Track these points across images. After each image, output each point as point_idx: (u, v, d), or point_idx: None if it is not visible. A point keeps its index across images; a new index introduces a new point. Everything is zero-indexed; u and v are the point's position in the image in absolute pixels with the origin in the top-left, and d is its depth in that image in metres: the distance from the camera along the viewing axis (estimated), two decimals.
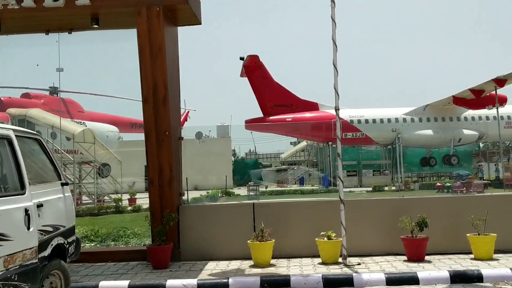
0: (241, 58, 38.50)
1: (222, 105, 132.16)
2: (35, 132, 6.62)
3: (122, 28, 10.14)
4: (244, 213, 9.50)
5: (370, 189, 32.16)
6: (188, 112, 50.83)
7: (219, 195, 29.58)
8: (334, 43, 8.85)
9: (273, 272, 7.91)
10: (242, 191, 32.64)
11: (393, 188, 32.27)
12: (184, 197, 11.42)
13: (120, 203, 22.66)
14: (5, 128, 5.50)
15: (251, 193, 28.76)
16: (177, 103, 10.04)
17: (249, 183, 33.90)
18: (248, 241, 8.60)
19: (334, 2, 8.87)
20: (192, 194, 24.20)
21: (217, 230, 9.36)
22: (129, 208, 21.57)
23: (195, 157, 37.19)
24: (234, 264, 8.64)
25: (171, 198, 9.18)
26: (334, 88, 8.87)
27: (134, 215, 18.71)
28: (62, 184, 6.53)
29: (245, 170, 45.19)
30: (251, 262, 8.57)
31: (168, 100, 9.11)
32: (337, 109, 8.86)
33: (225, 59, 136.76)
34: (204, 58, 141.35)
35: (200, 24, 10.07)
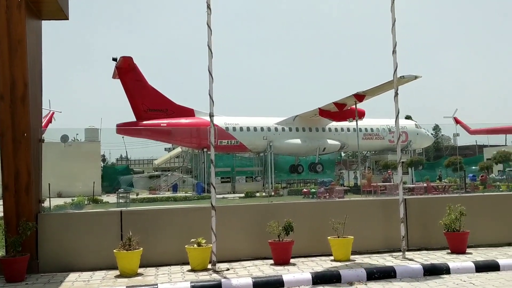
0: (114, 59, 37.02)
1: (92, 108, 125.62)
2: None
3: None
4: (111, 221, 9.07)
5: (243, 195, 32.90)
6: (53, 113, 47.42)
7: (86, 202, 27.96)
8: (210, 49, 8.89)
9: (140, 281, 7.63)
10: (111, 198, 31.25)
11: (264, 194, 33.43)
12: (45, 204, 10.58)
13: None
14: None
15: (120, 201, 27.67)
16: (39, 102, 9.26)
17: (119, 190, 32.61)
18: (114, 250, 8.21)
19: (210, 9, 8.92)
20: (55, 202, 22.58)
21: (80, 240, 8.80)
22: None
23: (60, 162, 34.78)
24: (98, 275, 8.18)
25: (28, 205, 8.42)
26: (209, 95, 8.89)
27: None
28: None
29: (115, 176, 43.43)
30: (117, 272, 8.19)
31: (28, 99, 8.36)
32: (211, 116, 8.89)
33: (97, 59, 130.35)
34: (73, 57, 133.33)
35: (67, 19, 9.43)
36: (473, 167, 38.82)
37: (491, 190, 28.76)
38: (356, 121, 35.89)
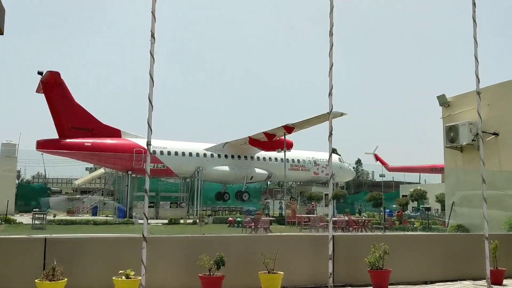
0: (39, 73, 35.53)
1: (11, 121, 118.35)
2: None
3: None
4: (33, 248, 8.56)
5: (166, 221, 32.22)
6: None
7: None
8: (151, 78, 8.82)
9: None
10: (25, 218, 29.40)
11: (189, 221, 32.97)
12: None
13: None
14: None
15: (36, 222, 26.15)
16: None
17: (34, 209, 30.81)
18: (36, 281, 7.75)
19: (154, 38, 8.90)
20: None
21: None
22: None
23: None
24: None
25: None
26: (148, 123, 8.76)
27: None
28: None
29: (31, 195, 40.98)
30: None
31: None
32: (148, 144, 8.74)
33: (20, 72, 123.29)
34: None
35: (2, 34, 8.97)
36: (394, 206, 40.82)
37: (406, 226, 30.39)
38: (284, 152, 36.76)
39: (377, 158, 58.85)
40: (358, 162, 70.85)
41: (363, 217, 32.65)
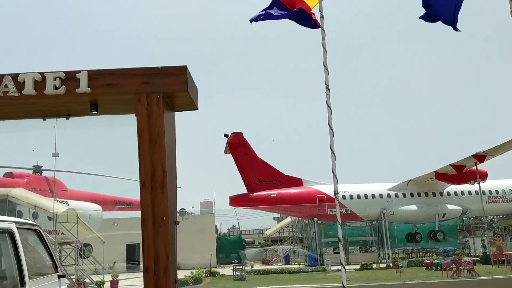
0: (225, 135, 39.05)
1: (206, 182, 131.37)
2: (35, 223, 6.46)
3: (120, 114, 10.21)
4: None
5: (358, 267, 31.60)
6: None
7: (204, 275, 28.77)
8: (331, 128, 9.05)
9: None
10: (226, 270, 31.77)
11: (381, 265, 31.85)
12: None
13: (102, 286, 21.72)
14: (7, 221, 5.36)
15: (236, 273, 28.06)
16: (174, 187, 9.91)
17: (234, 261, 33.21)
18: None
19: (329, 90, 9.17)
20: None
21: None
22: None
23: (178, 235, 36.58)
24: None
25: (166, 287, 8.82)
26: (332, 172, 8.96)
27: None
28: (59, 277, 6.30)
29: (229, 247, 44.40)
30: None
31: (166, 185, 9.01)
32: (336, 193, 8.88)
33: (208, 135, 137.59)
34: (186, 134, 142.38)
35: (197, 109, 10.17)
36: None
37: None
38: (479, 183, 33.56)
39: None
40: None
41: None
